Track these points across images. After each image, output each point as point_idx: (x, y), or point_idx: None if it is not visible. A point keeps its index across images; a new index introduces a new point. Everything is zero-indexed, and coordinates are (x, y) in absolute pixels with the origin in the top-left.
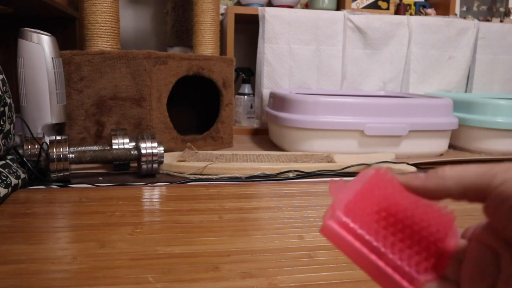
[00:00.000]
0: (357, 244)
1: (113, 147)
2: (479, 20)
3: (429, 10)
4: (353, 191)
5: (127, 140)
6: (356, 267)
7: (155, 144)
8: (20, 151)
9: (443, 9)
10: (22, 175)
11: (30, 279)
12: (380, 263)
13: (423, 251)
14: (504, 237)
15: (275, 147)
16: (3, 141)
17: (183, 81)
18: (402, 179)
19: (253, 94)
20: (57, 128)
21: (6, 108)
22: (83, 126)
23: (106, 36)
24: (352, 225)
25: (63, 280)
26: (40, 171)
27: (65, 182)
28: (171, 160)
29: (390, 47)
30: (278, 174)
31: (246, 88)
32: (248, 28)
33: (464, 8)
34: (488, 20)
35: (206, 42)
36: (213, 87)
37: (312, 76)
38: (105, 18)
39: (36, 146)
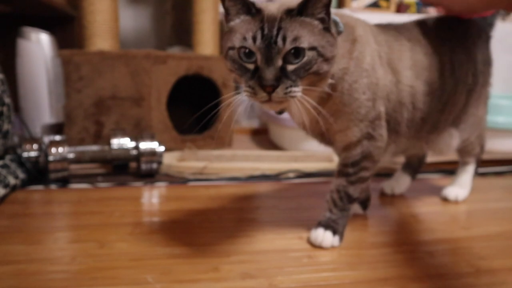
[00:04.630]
0: None
1: (112, 147)
2: None
3: (430, 10)
4: None
5: (126, 140)
6: (356, 267)
7: (155, 144)
8: (19, 151)
9: None
10: (21, 175)
11: (29, 280)
12: None
13: None
14: None
15: (275, 147)
16: (1, 141)
17: (183, 80)
18: None
19: None
20: (56, 128)
21: (5, 108)
22: (82, 126)
23: (105, 35)
24: None
25: (62, 281)
26: (39, 171)
27: (64, 182)
28: (171, 160)
29: None
30: (278, 174)
31: None
32: None
33: None
34: None
35: (206, 42)
36: (213, 86)
37: None
38: (104, 17)
39: (35, 146)
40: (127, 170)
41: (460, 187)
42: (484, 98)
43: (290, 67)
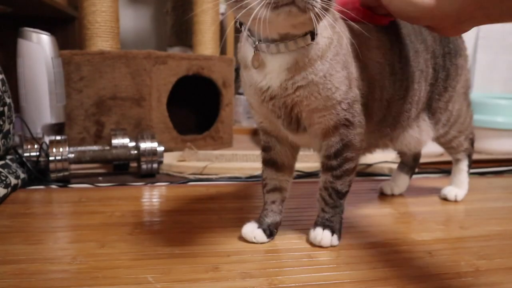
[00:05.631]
0: None
1: (113, 147)
2: None
3: None
4: None
5: (127, 140)
6: (356, 267)
7: (155, 144)
8: (20, 151)
9: None
10: (22, 175)
11: (30, 279)
12: None
13: None
14: None
15: None
16: (2, 141)
17: (183, 81)
18: None
19: None
20: (57, 128)
21: (6, 108)
22: (82, 126)
23: (105, 36)
24: None
25: (62, 280)
26: (39, 171)
27: (64, 182)
28: (171, 160)
29: None
30: None
31: None
32: None
33: None
34: None
35: (206, 42)
36: (213, 87)
37: None
38: (105, 18)
39: (35, 146)
40: (127, 170)
41: (457, 187)
42: (456, 92)
43: None
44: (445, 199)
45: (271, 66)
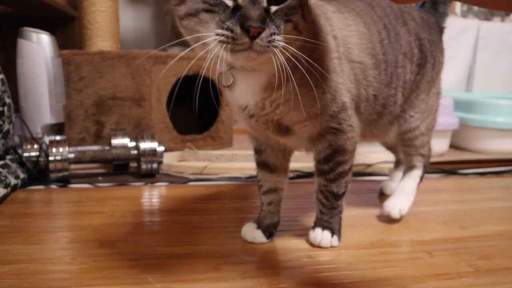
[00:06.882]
0: None
1: (113, 147)
2: (480, 19)
3: None
4: None
5: (126, 140)
6: (356, 267)
7: (155, 144)
8: (20, 151)
9: None
10: (22, 175)
11: (30, 279)
12: None
13: None
14: None
15: None
16: (2, 141)
17: (183, 80)
18: None
19: None
20: (57, 128)
21: (5, 108)
22: (82, 126)
23: (105, 35)
24: None
25: (62, 280)
26: (39, 171)
27: (64, 182)
28: (171, 160)
29: None
30: None
31: None
32: None
33: (465, 8)
34: (489, 20)
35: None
36: (213, 86)
37: None
38: (105, 18)
39: (35, 146)
40: (127, 170)
41: (402, 197)
42: (434, 87)
43: (274, 8)
44: (388, 216)
45: (244, 83)
